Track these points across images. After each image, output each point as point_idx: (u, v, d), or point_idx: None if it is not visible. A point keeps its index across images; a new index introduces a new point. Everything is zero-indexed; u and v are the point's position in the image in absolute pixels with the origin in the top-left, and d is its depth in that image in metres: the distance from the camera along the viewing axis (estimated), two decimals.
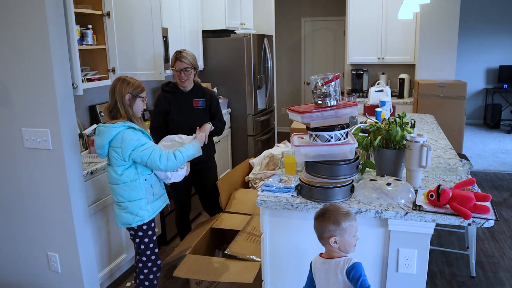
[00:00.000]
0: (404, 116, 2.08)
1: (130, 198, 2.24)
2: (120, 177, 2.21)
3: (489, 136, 7.21)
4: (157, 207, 2.36)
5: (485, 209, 1.68)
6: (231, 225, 2.86)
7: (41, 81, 2.24)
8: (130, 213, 2.26)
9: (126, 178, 2.22)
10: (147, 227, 2.32)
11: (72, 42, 2.38)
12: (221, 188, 3.13)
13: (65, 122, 2.30)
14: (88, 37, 3.12)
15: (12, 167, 2.46)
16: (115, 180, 2.23)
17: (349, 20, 5.57)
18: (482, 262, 3.11)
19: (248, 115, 4.84)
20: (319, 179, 1.85)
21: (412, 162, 1.93)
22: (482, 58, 8.02)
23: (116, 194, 2.26)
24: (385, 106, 3.60)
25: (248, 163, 3.64)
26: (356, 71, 5.76)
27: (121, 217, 2.29)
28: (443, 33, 5.13)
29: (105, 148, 2.19)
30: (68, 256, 2.50)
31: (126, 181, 2.22)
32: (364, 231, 1.83)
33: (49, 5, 2.16)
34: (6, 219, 2.59)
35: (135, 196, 2.25)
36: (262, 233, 2.00)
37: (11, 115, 2.37)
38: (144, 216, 2.27)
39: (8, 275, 2.71)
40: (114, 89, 2.23)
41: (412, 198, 1.82)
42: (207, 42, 4.73)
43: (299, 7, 7.54)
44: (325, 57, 7.59)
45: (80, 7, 2.97)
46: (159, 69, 3.38)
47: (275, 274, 2.03)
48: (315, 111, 1.81)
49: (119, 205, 2.28)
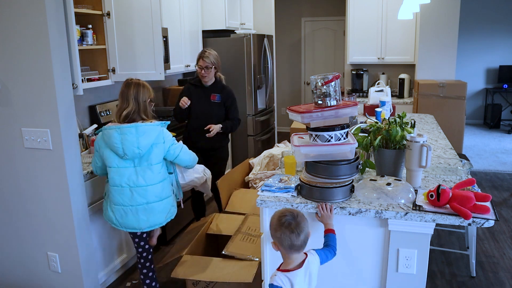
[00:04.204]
0: (404, 116, 2.08)
1: (164, 196, 2.37)
2: (158, 175, 2.32)
3: (489, 136, 7.21)
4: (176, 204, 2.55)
5: (485, 209, 1.68)
6: (228, 226, 2.86)
7: (41, 81, 2.24)
8: (163, 211, 2.36)
9: (161, 177, 2.35)
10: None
11: (72, 42, 2.38)
12: (221, 188, 3.13)
13: (65, 122, 2.30)
14: (88, 37, 3.12)
15: (12, 167, 2.46)
16: (151, 179, 2.31)
17: (349, 20, 5.57)
18: (482, 262, 3.11)
19: (248, 115, 4.84)
20: (319, 179, 1.85)
21: (412, 162, 1.93)
22: (482, 58, 8.02)
23: (149, 195, 2.31)
24: (385, 106, 3.60)
25: (248, 163, 3.64)
26: (356, 71, 5.76)
27: (150, 220, 2.35)
28: (443, 33, 5.12)
29: (149, 146, 2.27)
30: (68, 256, 2.50)
31: (161, 180, 2.35)
32: (364, 231, 1.83)
33: (49, 5, 2.16)
34: (6, 219, 2.59)
35: (167, 193, 2.40)
36: (260, 232, 2.00)
37: (11, 115, 2.37)
38: (173, 212, 2.46)
39: (8, 275, 2.71)
40: (137, 95, 2.33)
41: (412, 198, 1.82)
42: (207, 42, 4.73)
43: (299, 7, 7.54)
44: (325, 57, 7.59)
45: (80, 7, 2.97)
46: (159, 69, 3.37)
47: None
48: (315, 111, 1.81)
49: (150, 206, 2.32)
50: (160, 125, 2.33)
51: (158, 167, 2.33)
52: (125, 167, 2.29)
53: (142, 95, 2.35)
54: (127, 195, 2.30)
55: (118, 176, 2.29)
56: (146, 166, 2.30)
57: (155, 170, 2.32)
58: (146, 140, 2.25)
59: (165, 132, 2.36)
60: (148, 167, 2.30)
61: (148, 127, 2.27)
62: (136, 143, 2.23)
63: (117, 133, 2.23)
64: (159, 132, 2.31)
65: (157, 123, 2.32)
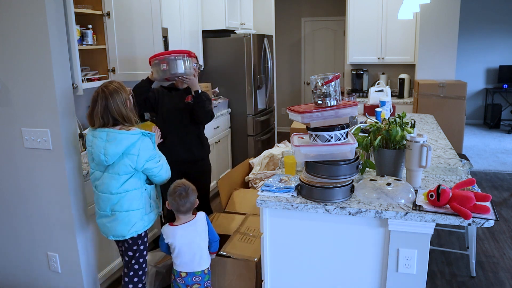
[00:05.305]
0: (404, 116, 2.08)
1: (129, 208, 2.15)
2: (123, 185, 2.12)
3: (489, 136, 7.21)
4: (152, 218, 2.30)
5: (485, 209, 1.68)
6: (227, 226, 2.86)
7: (41, 81, 2.24)
8: (127, 223, 2.17)
9: (129, 187, 2.14)
10: (142, 238, 2.26)
11: (72, 42, 2.38)
12: (221, 188, 3.13)
13: (65, 122, 2.30)
14: (88, 37, 3.12)
15: (12, 167, 2.46)
16: (115, 188, 2.12)
17: (349, 20, 5.57)
18: (482, 262, 3.11)
19: (248, 115, 4.84)
20: (319, 179, 1.85)
21: (412, 162, 1.93)
22: (482, 58, 8.02)
23: (113, 204, 2.14)
24: (385, 106, 3.60)
25: (248, 163, 3.64)
26: (356, 71, 5.76)
27: (113, 229, 2.18)
28: (443, 33, 5.13)
29: (117, 155, 2.07)
30: (68, 256, 2.50)
31: (128, 190, 2.14)
32: (364, 231, 1.83)
33: (49, 5, 2.16)
34: (6, 219, 2.59)
35: (135, 206, 2.17)
36: (260, 233, 2.00)
37: (11, 115, 2.37)
38: (139, 227, 2.21)
39: (8, 275, 2.71)
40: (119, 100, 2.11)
41: (412, 198, 1.82)
42: (207, 42, 4.73)
43: (299, 7, 7.54)
44: (325, 57, 7.59)
45: (80, 7, 2.97)
46: None
47: (275, 274, 2.03)
48: (315, 111, 1.81)
49: (113, 215, 2.16)
50: (139, 134, 2.09)
51: (125, 177, 2.12)
52: (98, 171, 2.17)
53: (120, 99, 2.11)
54: (96, 199, 2.23)
55: (93, 178, 2.21)
56: (112, 175, 2.11)
57: (121, 180, 2.11)
58: (115, 148, 2.04)
59: (143, 144, 2.10)
60: (113, 177, 2.11)
61: (120, 135, 2.05)
62: (103, 150, 2.06)
63: (91, 135, 2.14)
64: (134, 142, 2.07)
65: (135, 132, 2.08)
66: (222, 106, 4.72)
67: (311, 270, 1.95)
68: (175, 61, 2.68)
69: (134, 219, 2.18)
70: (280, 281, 2.03)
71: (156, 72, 2.75)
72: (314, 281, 1.96)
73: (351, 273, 1.90)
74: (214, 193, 4.39)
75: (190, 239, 2.25)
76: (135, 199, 2.17)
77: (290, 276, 2.00)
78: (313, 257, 1.93)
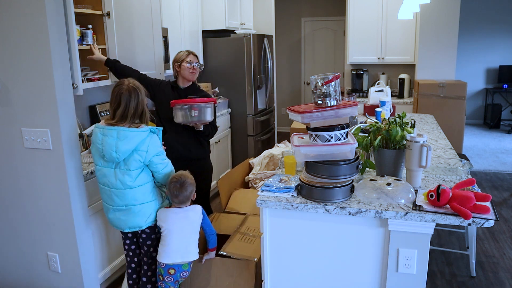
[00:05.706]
0: (404, 116, 2.08)
1: (144, 200, 2.26)
2: (136, 180, 2.22)
3: (489, 136, 7.21)
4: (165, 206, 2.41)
5: (485, 209, 1.68)
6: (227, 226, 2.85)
7: (41, 81, 2.24)
8: (143, 215, 2.27)
9: (140, 181, 2.24)
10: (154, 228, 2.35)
11: (72, 42, 2.38)
12: (221, 188, 3.13)
13: (65, 122, 2.30)
14: (88, 37, 3.12)
15: (12, 167, 2.46)
16: (128, 184, 2.21)
17: (349, 20, 5.57)
18: (482, 262, 3.11)
19: (248, 115, 4.84)
20: (319, 179, 1.85)
21: (412, 162, 1.93)
22: (482, 58, 8.02)
23: (127, 198, 2.23)
24: (385, 106, 3.60)
25: (248, 163, 3.64)
26: (356, 71, 5.76)
27: (130, 221, 2.28)
28: (443, 33, 5.13)
29: (128, 152, 2.15)
30: (68, 256, 2.50)
31: (140, 184, 2.24)
32: (364, 231, 1.83)
33: (49, 5, 2.16)
34: (6, 219, 2.59)
35: (148, 198, 2.28)
36: (260, 233, 2.00)
37: (11, 115, 2.37)
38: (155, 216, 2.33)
39: (8, 275, 2.71)
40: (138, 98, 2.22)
41: (412, 198, 1.82)
42: (207, 42, 4.73)
43: (299, 7, 7.54)
44: (325, 57, 7.59)
45: (80, 7, 2.96)
46: (159, 69, 3.38)
47: (275, 274, 2.03)
48: (315, 111, 1.81)
49: (128, 209, 2.25)
50: (147, 131, 2.19)
51: (137, 172, 2.21)
52: (107, 167, 2.22)
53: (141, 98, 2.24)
54: (108, 195, 2.27)
55: (101, 175, 2.26)
56: (124, 170, 2.20)
57: (134, 175, 2.20)
58: (126, 145, 2.13)
59: (151, 140, 2.20)
60: (126, 172, 2.20)
61: (131, 133, 2.15)
62: (115, 147, 2.13)
63: (100, 133, 2.19)
64: (143, 139, 2.17)
65: (144, 129, 2.18)
66: (222, 106, 4.72)
67: (311, 270, 1.95)
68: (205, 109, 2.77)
69: (149, 210, 2.29)
70: (280, 281, 2.03)
71: (182, 116, 2.77)
72: (314, 281, 1.96)
73: (351, 273, 1.90)
74: (214, 193, 4.40)
75: (180, 226, 2.26)
76: (148, 192, 2.28)
77: (290, 276, 2.00)
78: (313, 257, 1.93)
